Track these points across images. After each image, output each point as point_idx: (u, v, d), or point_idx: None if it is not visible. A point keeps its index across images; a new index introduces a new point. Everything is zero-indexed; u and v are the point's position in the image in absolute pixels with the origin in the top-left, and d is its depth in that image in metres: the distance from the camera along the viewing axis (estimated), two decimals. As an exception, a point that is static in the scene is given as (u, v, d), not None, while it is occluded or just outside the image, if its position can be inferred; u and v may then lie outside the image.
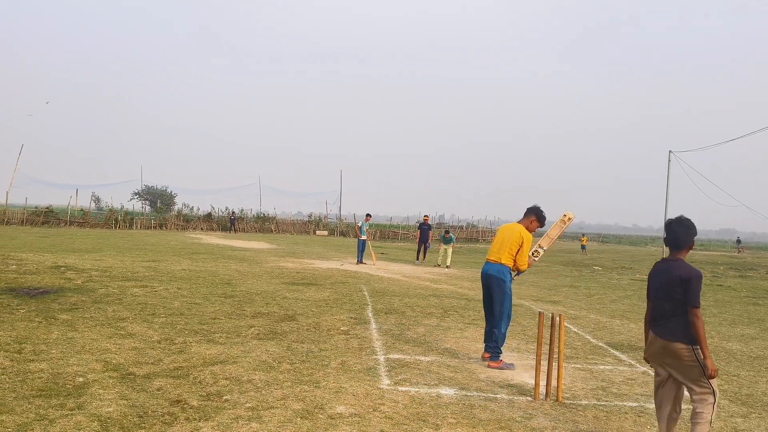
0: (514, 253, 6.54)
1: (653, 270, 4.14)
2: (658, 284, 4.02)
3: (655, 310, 4.02)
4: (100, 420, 4.16)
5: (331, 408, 4.70)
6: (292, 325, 8.06)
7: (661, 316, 3.95)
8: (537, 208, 6.81)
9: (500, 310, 6.51)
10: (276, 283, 12.89)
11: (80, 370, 5.35)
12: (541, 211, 6.80)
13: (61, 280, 11.28)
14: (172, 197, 75.12)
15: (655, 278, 4.08)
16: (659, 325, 3.95)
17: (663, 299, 3.94)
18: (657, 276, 4.06)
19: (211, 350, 6.39)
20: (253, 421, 4.31)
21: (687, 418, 4.46)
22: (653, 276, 4.11)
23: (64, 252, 18.17)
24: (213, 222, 50.47)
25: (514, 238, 6.56)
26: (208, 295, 10.47)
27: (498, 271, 6.56)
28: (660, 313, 3.96)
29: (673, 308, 3.87)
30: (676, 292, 3.86)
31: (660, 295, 3.98)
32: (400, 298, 11.54)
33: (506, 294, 6.53)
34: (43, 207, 44.98)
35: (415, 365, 6.25)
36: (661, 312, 3.96)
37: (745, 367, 7.07)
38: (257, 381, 5.32)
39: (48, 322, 7.40)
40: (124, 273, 13.04)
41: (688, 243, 4.04)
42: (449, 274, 18.16)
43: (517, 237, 6.55)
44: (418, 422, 4.49)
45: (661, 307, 3.96)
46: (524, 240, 6.55)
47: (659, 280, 4.02)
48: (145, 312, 8.43)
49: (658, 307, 3.99)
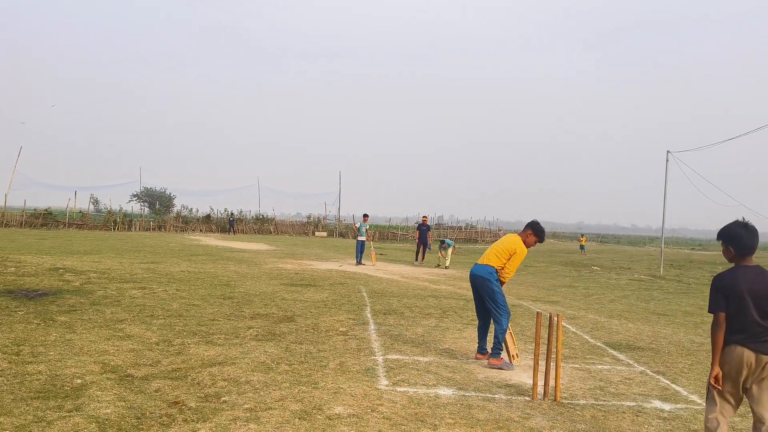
0: (503, 260, 6.69)
1: (738, 277, 3.64)
2: (756, 294, 3.58)
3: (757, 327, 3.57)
4: (98, 422, 4.16)
5: (330, 409, 4.70)
6: (290, 326, 8.06)
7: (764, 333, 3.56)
8: (534, 223, 6.92)
9: (495, 306, 6.58)
10: (275, 284, 12.89)
11: (78, 372, 5.35)
12: (539, 226, 6.88)
13: (60, 282, 11.27)
14: (171, 199, 75.10)
15: (750, 286, 3.59)
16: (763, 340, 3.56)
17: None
18: (754, 284, 3.60)
19: (209, 351, 6.39)
20: (251, 422, 4.31)
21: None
22: (745, 283, 3.60)
23: (62, 254, 18.16)
24: (212, 223, 50.49)
25: (507, 246, 6.74)
26: (207, 296, 10.47)
27: (483, 271, 6.71)
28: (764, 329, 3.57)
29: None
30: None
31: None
32: (398, 298, 11.55)
33: (494, 290, 6.62)
34: (42, 209, 44.93)
35: (413, 366, 6.26)
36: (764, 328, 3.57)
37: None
38: (255, 382, 5.33)
39: (46, 324, 7.40)
40: (123, 275, 13.03)
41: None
42: (447, 275, 18.17)
43: (510, 246, 6.72)
44: (416, 422, 4.50)
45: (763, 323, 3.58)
46: (517, 251, 6.70)
47: (757, 288, 3.59)
48: (144, 314, 8.43)
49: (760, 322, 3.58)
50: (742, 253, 3.70)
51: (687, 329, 9.69)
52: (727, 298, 3.61)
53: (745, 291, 3.57)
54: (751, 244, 3.69)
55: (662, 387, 5.94)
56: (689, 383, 6.15)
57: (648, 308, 12.25)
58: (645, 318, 10.76)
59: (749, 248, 3.69)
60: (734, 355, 3.58)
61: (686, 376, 6.47)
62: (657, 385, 5.97)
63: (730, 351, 3.59)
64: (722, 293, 3.63)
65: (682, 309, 12.37)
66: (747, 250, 3.69)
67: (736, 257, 3.73)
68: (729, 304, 3.60)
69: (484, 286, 6.65)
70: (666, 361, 7.14)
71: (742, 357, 3.55)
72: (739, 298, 3.58)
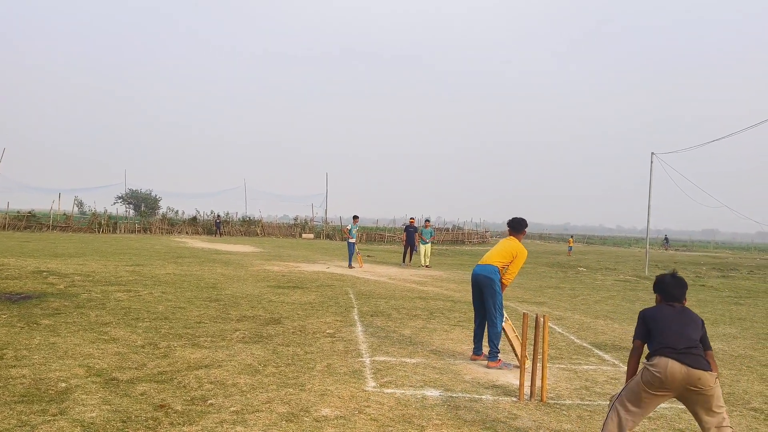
0: (505, 262, 6.78)
1: (662, 308, 4.04)
2: (681, 321, 3.94)
3: (679, 343, 3.85)
4: (82, 425, 4.13)
5: (317, 411, 4.70)
6: (277, 329, 8.04)
7: (688, 348, 3.82)
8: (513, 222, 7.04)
9: (493, 307, 6.67)
10: (261, 286, 12.84)
11: (63, 376, 5.30)
12: (514, 221, 7.03)
13: (44, 285, 11.16)
14: (157, 201, 74.65)
15: (672, 318, 3.96)
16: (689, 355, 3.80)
17: (688, 335, 3.87)
18: (675, 317, 3.97)
19: (195, 354, 6.36)
20: (238, 424, 4.30)
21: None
22: (667, 316, 3.98)
23: (46, 257, 17.98)
24: (198, 226, 50.16)
25: (508, 249, 6.82)
26: (193, 299, 10.41)
27: (487, 271, 6.74)
28: (687, 344, 3.83)
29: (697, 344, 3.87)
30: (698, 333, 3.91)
31: (684, 329, 3.90)
32: (386, 300, 11.55)
33: (496, 291, 6.71)
34: (25, 211, 44.42)
35: (400, 367, 6.26)
36: (687, 344, 3.84)
37: (726, 366, 7.16)
38: (242, 385, 5.31)
39: (30, 327, 7.33)
40: (108, 277, 12.93)
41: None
42: (435, 276, 18.20)
43: (512, 249, 6.80)
44: (403, 424, 4.51)
45: (684, 340, 3.86)
46: (518, 253, 6.79)
47: (682, 318, 3.96)
48: (129, 317, 8.37)
49: (680, 340, 3.86)
50: (666, 301, 4.09)
51: (671, 329, 9.77)
52: (649, 328, 3.97)
53: (666, 318, 3.96)
54: (676, 293, 4.08)
55: (647, 387, 5.99)
56: (673, 383, 6.20)
57: (633, 309, 12.34)
58: (630, 318, 10.84)
59: (674, 297, 4.07)
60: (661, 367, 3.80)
61: (671, 375, 6.53)
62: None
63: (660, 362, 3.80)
64: (646, 324, 4.00)
65: (667, 309, 12.47)
66: (672, 299, 4.07)
67: (660, 303, 4.13)
68: (651, 332, 3.95)
69: (488, 285, 6.70)
70: (651, 361, 7.20)
71: (666, 369, 3.75)
72: (663, 323, 3.93)
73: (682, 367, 3.70)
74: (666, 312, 4.00)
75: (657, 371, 3.73)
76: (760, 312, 12.68)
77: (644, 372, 3.84)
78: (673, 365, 3.71)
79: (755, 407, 5.46)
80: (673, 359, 3.73)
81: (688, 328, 3.90)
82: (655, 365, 3.76)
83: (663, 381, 3.73)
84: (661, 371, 3.72)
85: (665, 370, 3.72)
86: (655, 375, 3.74)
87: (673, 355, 3.75)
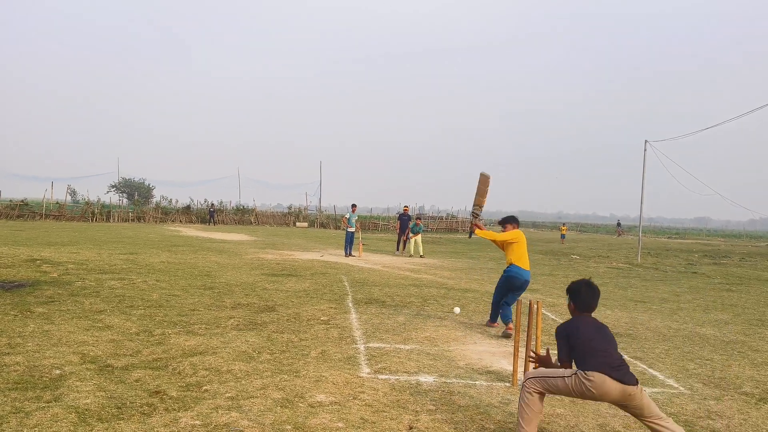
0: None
1: (580, 323, 4.05)
2: (602, 335, 3.98)
3: (612, 358, 3.86)
4: (77, 412, 4.13)
5: (312, 396, 4.71)
6: (272, 316, 8.05)
7: (620, 364, 3.84)
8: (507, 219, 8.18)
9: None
10: (256, 274, 12.84)
11: (57, 363, 5.30)
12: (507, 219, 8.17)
13: (37, 273, 11.13)
14: (150, 190, 74.32)
15: (595, 334, 3.97)
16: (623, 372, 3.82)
17: (614, 349, 3.92)
18: (597, 333, 3.99)
19: (190, 341, 6.36)
20: (233, 410, 4.31)
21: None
22: (591, 331, 3.99)
23: (39, 245, 17.91)
24: (192, 214, 50.02)
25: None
26: (187, 287, 10.41)
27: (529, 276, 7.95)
28: (618, 360, 3.86)
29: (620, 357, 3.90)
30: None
31: (610, 344, 3.94)
32: (380, 288, 11.57)
33: None
34: (18, 200, 44.21)
35: (395, 353, 6.29)
36: (618, 359, 3.87)
37: (718, 352, 7.22)
38: (237, 371, 5.32)
39: (24, 315, 7.31)
40: (101, 266, 12.89)
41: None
42: (428, 264, 18.24)
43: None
44: (397, 409, 4.53)
45: (614, 355, 3.89)
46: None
47: (602, 332, 4.00)
48: (123, 304, 8.36)
49: (612, 354, 3.88)
50: (581, 310, 4.12)
51: (664, 315, 9.85)
52: (572, 345, 3.98)
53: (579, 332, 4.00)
54: (591, 303, 4.14)
55: (639, 372, 6.05)
56: (666, 368, 6.26)
57: (626, 295, 12.42)
58: (623, 305, 10.92)
59: (589, 307, 4.14)
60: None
61: (663, 361, 6.59)
62: (635, 370, 6.07)
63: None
64: (569, 341, 4.01)
65: (659, 296, 12.56)
66: (585, 308, 4.14)
67: (575, 312, 4.20)
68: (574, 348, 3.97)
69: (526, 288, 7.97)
70: (643, 347, 7.26)
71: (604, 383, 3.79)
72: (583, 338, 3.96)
73: (618, 385, 3.73)
74: (588, 327, 3.99)
75: (592, 387, 3.76)
76: (751, 298, 12.78)
77: (575, 380, 3.84)
78: (611, 383, 3.73)
79: (746, 391, 5.51)
80: (610, 377, 3.74)
81: (612, 345, 3.94)
82: (592, 380, 3.76)
83: (595, 395, 3.78)
84: (596, 387, 3.75)
85: (601, 387, 3.74)
86: (589, 389, 3.77)
87: (609, 372, 3.75)
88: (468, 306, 9.79)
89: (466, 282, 13.48)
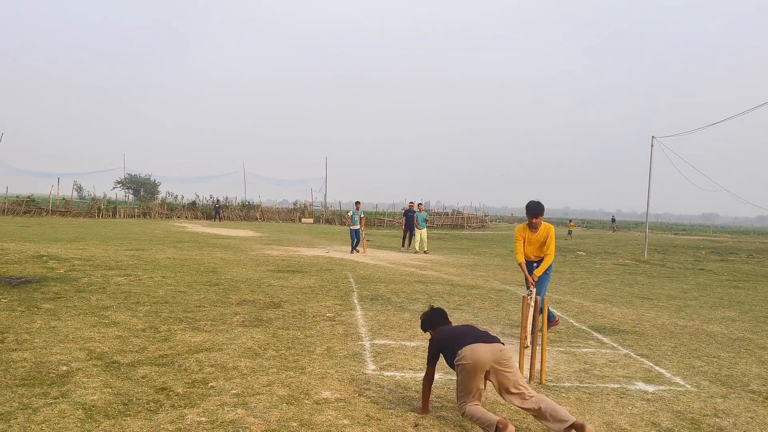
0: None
1: (449, 329, 4.61)
2: (462, 327, 4.56)
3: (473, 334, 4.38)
4: (84, 408, 4.15)
5: (317, 393, 4.72)
6: (277, 312, 8.06)
7: (482, 333, 4.42)
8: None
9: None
10: (261, 270, 12.86)
11: (64, 359, 5.32)
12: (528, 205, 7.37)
13: (44, 269, 11.17)
14: (156, 186, 74.54)
15: (453, 328, 4.62)
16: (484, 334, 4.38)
17: (474, 329, 4.51)
18: (456, 327, 4.63)
19: (196, 338, 6.37)
20: (239, 407, 4.31)
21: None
22: (456, 328, 4.58)
23: (46, 241, 17.99)
24: (198, 210, 50.16)
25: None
26: (193, 283, 10.43)
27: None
28: (479, 332, 4.44)
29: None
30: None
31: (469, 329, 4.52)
32: (385, 284, 11.57)
33: None
34: (24, 196, 44.43)
35: (400, 350, 6.29)
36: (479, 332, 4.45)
37: (725, 349, 7.19)
38: (243, 368, 5.33)
39: (30, 311, 7.34)
40: (108, 262, 12.94)
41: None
42: (433, 260, 18.23)
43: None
44: (403, 406, 4.53)
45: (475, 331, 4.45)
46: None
47: (460, 326, 4.60)
48: (129, 300, 8.39)
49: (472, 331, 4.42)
50: (436, 328, 4.73)
51: (670, 312, 9.81)
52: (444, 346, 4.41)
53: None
54: (442, 321, 4.79)
55: (646, 369, 6.03)
56: (672, 365, 6.23)
57: (632, 292, 12.38)
58: (629, 302, 10.88)
59: (441, 322, 4.78)
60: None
61: (669, 358, 6.56)
62: (641, 368, 6.05)
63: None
64: (439, 345, 4.46)
65: (666, 293, 12.52)
66: (440, 324, 4.76)
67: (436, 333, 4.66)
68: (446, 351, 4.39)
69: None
70: (650, 344, 7.23)
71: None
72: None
73: (486, 345, 4.15)
74: (450, 329, 4.58)
75: (466, 359, 4.10)
76: (758, 295, 12.72)
77: (458, 368, 4.18)
78: (478, 347, 4.13)
79: (754, 389, 5.48)
80: (475, 343, 4.17)
81: (471, 328, 4.47)
82: (463, 355, 4.12)
83: (476, 366, 4.07)
84: (469, 357, 4.09)
85: (473, 355, 4.09)
86: (467, 362, 4.09)
87: (472, 342, 4.18)
88: (473, 303, 9.78)
89: (472, 279, 13.46)
